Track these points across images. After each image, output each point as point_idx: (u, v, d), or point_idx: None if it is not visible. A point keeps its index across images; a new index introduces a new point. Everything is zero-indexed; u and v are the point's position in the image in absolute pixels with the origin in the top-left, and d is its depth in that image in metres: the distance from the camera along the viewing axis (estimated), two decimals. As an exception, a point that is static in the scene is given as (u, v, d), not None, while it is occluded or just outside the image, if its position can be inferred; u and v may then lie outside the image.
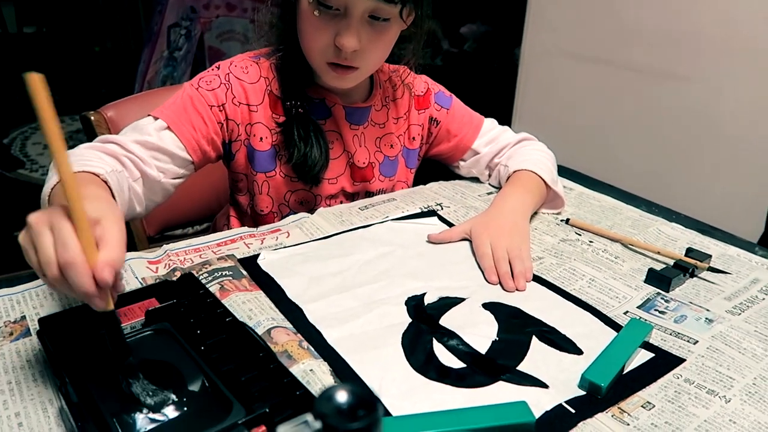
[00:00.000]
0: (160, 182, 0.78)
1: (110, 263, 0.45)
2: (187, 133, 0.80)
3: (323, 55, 0.79)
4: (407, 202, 0.93)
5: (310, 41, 0.79)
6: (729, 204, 1.57)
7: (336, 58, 0.79)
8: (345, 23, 0.75)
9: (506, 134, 1.02)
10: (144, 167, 0.75)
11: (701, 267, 0.76)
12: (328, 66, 0.80)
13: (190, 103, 0.81)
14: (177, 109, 0.80)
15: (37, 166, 2.86)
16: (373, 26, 0.77)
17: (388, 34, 0.80)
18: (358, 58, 0.79)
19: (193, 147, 0.80)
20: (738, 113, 1.52)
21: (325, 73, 0.82)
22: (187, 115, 0.80)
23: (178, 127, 0.79)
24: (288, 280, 0.71)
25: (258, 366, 0.52)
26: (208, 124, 0.82)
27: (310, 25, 0.77)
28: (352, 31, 0.75)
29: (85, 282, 0.45)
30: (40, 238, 0.46)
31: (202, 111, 0.81)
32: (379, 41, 0.79)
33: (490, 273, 0.74)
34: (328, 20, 0.76)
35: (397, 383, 0.56)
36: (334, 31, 0.76)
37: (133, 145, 0.76)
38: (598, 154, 1.82)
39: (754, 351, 0.62)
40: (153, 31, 2.81)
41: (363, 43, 0.77)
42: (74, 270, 0.44)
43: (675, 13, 1.58)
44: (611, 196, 1.00)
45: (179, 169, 0.80)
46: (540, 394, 0.55)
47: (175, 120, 0.79)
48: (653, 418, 0.53)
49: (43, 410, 0.51)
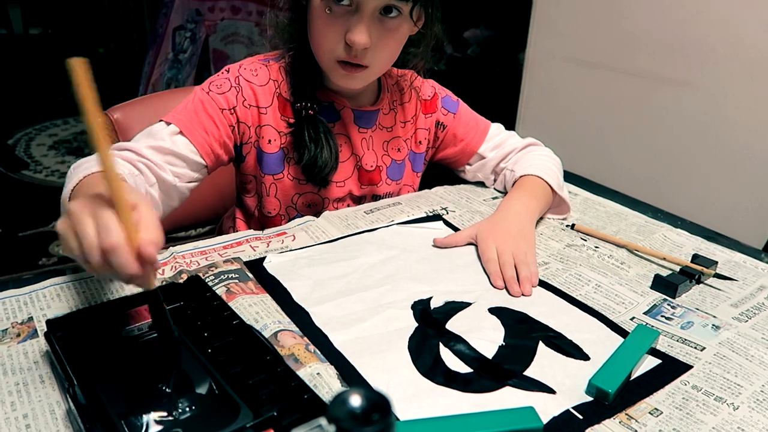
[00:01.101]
0: (176, 186, 0.78)
1: (153, 241, 0.47)
2: (199, 137, 0.80)
3: (333, 52, 0.79)
4: (413, 207, 0.93)
5: (321, 38, 0.79)
6: (734, 210, 1.57)
7: (346, 56, 0.79)
8: (356, 19, 0.76)
9: (512, 139, 1.02)
10: (159, 172, 0.76)
11: (707, 273, 0.76)
12: (337, 64, 0.80)
13: (202, 108, 0.81)
14: (189, 114, 0.81)
15: (41, 167, 2.86)
16: (384, 23, 0.77)
17: (398, 32, 0.80)
18: (368, 56, 0.79)
19: (206, 151, 0.81)
20: (743, 120, 1.52)
21: (335, 72, 0.82)
22: (199, 119, 0.81)
23: (191, 132, 0.80)
24: (294, 283, 0.71)
25: (265, 369, 0.52)
26: (220, 128, 0.82)
27: (322, 23, 0.78)
28: (362, 27, 0.76)
29: (130, 263, 0.45)
30: (82, 224, 0.46)
31: (213, 115, 0.82)
32: (389, 39, 0.80)
33: (496, 278, 0.74)
34: (339, 17, 0.76)
35: (403, 387, 0.56)
36: (345, 28, 0.76)
37: (148, 151, 0.76)
38: (603, 159, 1.82)
39: (762, 358, 0.62)
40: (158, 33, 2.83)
41: (373, 41, 0.77)
42: (118, 253, 0.45)
43: (680, 21, 1.58)
44: (616, 201, 1.00)
45: (194, 173, 0.81)
46: (547, 399, 0.55)
47: (188, 125, 0.80)
48: (661, 424, 0.53)
49: (50, 412, 0.51)
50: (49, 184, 2.71)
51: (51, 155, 3.00)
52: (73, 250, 0.48)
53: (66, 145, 3.11)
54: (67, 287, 0.68)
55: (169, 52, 2.80)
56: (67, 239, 0.48)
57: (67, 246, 0.48)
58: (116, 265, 0.45)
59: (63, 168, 2.85)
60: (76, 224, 0.47)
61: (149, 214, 0.48)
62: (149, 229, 0.47)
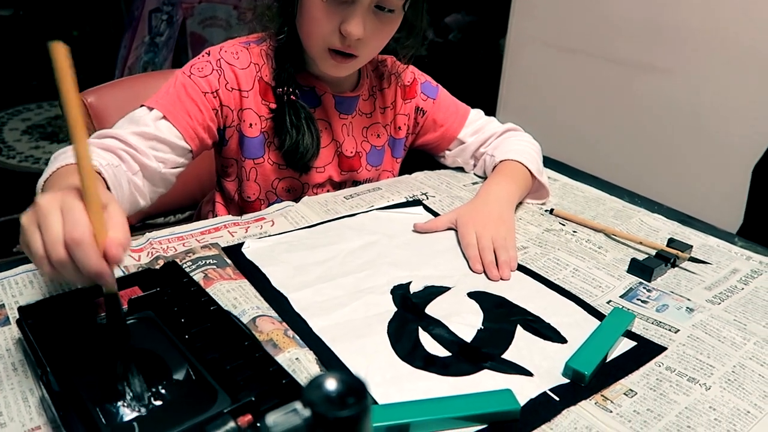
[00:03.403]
0: (160, 172, 0.77)
1: (121, 242, 0.46)
2: (183, 121, 0.79)
3: (326, 41, 0.79)
4: (392, 192, 0.93)
5: (314, 27, 0.79)
6: (710, 195, 1.59)
7: (339, 45, 0.79)
8: (351, 11, 0.76)
9: (492, 124, 1.02)
10: (142, 159, 0.75)
11: (682, 257, 0.77)
12: (328, 53, 0.80)
13: (184, 92, 0.80)
14: (171, 99, 0.79)
15: (14, 152, 2.80)
16: (378, 17, 0.78)
17: (391, 25, 0.81)
18: (360, 46, 0.80)
19: (190, 135, 0.80)
20: (720, 106, 1.54)
21: (324, 61, 0.82)
22: (181, 103, 0.80)
23: (174, 117, 0.78)
24: (273, 268, 0.71)
25: (243, 355, 0.51)
26: (203, 111, 0.81)
27: (317, 11, 0.77)
28: (358, 19, 0.76)
29: (95, 260, 0.44)
30: (48, 217, 0.45)
31: (196, 98, 0.80)
32: (382, 32, 0.81)
33: (475, 262, 0.74)
34: (335, 7, 0.76)
35: (382, 371, 0.56)
36: (340, 19, 0.77)
37: (131, 137, 0.75)
38: (582, 145, 1.83)
39: (734, 339, 0.63)
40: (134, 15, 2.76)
41: (367, 33, 0.78)
42: (84, 248, 0.44)
43: (659, 6, 1.59)
44: (595, 187, 1.01)
45: (179, 158, 0.80)
46: (524, 382, 0.56)
47: (171, 109, 0.79)
48: (635, 405, 0.54)
49: (23, 399, 0.50)
50: (23, 169, 2.65)
51: (24, 140, 2.93)
52: (31, 245, 0.46)
53: (40, 130, 3.04)
54: (39, 274, 0.66)
55: (146, 35, 2.74)
56: (27, 233, 0.46)
57: (26, 240, 0.46)
58: (80, 260, 0.44)
59: (37, 153, 2.79)
60: (42, 217, 0.45)
61: (119, 215, 0.47)
62: (118, 229, 0.46)
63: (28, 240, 0.46)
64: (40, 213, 0.46)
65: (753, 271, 0.78)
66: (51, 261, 0.45)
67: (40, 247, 0.45)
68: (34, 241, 0.46)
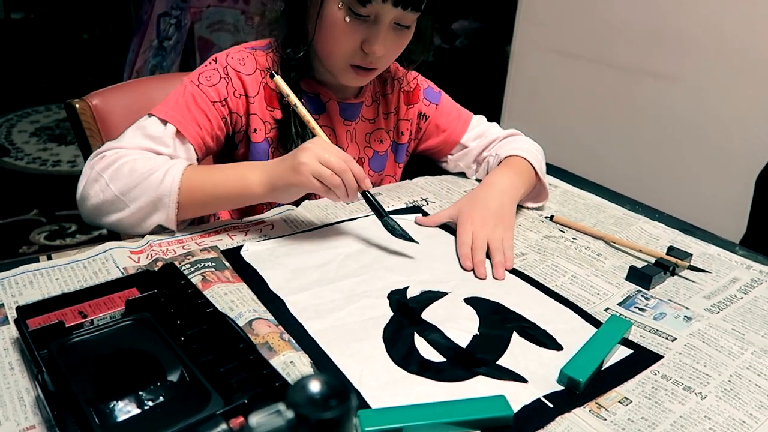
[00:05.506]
0: None
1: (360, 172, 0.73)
2: (194, 132, 0.81)
3: (348, 59, 0.82)
4: (393, 197, 0.93)
5: (337, 45, 0.81)
6: (713, 204, 1.58)
7: (361, 62, 0.82)
8: (375, 30, 0.79)
9: (494, 129, 1.02)
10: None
11: (682, 265, 0.77)
12: (350, 67, 0.83)
13: (193, 102, 0.81)
14: (181, 110, 0.81)
15: (23, 154, 2.82)
16: (396, 32, 0.81)
17: (406, 38, 0.84)
18: (381, 61, 0.83)
19: (199, 144, 0.82)
20: (723, 114, 1.54)
21: (345, 74, 0.84)
22: (191, 114, 0.81)
23: (187, 129, 0.80)
24: (271, 271, 0.71)
25: (238, 357, 0.51)
26: (212, 121, 0.82)
27: (339, 30, 0.79)
28: (381, 38, 0.79)
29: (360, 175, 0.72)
30: (331, 158, 0.71)
31: (205, 108, 0.82)
32: (399, 45, 0.84)
33: (465, 260, 0.75)
34: (358, 26, 0.78)
35: (377, 376, 0.56)
36: (362, 37, 0.79)
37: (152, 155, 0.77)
38: (584, 151, 1.83)
39: (731, 349, 0.63)
40: (142, 19, 2.79)
41: (386, 48, 0.80)
42: (354, 167, 0.72)
43: (664, 14, 1.58)
44: (595, 194, 1.01)
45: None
46: (518, 388, 0.56)
47: (182, 121, 0.80)
48: (630, 413, 0.54)
49: (19, 399, 0.50)
50: (31, 171, 2.67)
51: (33, 142, 2.96)
52: (328, 178, 0.70)
53: (48, 132, 3.07)
54: (39, 274, 0.67)
55: (154, 39, 2.76)
56: (320, 171, 0.70)
57: (320, 173, 0.70)
58: (350, 184, 0.71)
59: (44, 155, 2.81)
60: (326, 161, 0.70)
61: None
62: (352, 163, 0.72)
63: (321, 173, 0.70)
64: (323, 158, 0.70)
65: (753, 281, 0.77)
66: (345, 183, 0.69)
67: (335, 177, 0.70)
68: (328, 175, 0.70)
